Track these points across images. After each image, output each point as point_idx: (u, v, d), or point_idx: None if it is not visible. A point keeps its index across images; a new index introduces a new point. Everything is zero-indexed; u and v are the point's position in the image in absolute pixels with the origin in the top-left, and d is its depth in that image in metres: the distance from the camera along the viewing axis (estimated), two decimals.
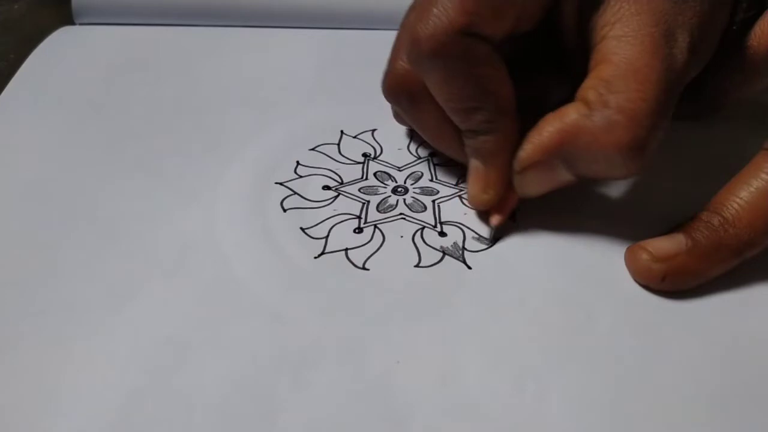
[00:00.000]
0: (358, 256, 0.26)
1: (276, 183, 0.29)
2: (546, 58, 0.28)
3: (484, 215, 0.28)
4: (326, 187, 0.29)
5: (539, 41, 0.27)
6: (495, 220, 0.27)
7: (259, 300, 0.25)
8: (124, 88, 0.35)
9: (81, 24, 0.41)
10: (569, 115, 0.24)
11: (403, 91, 0.27)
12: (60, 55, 0.38)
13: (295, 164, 0.30)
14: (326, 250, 0.26)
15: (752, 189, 0.24)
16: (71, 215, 0.28)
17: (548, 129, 0.24)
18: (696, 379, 0.22)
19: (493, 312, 0.24)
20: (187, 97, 0.34)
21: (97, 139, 0.32)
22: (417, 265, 0.26)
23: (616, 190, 0.29)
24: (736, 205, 0.24)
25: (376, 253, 0.26)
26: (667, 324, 0.24)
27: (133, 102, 0.34)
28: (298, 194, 0.29)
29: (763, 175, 0.24)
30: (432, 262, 0.26)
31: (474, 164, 0.26)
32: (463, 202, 0.29)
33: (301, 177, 0.30)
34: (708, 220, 0.25)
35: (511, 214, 0.28)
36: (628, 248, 0.26)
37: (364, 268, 0.26)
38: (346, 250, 0.27)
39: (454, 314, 0.24)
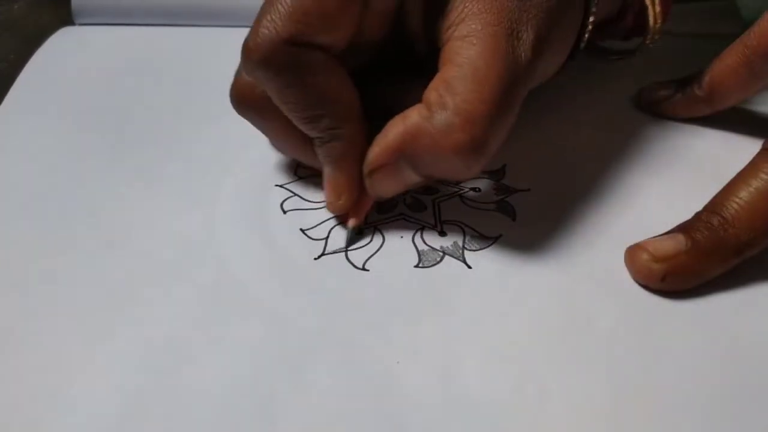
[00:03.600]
0: (358, 257, 0.26)
1: (276, 185, 0.29)
2: (406, 62, 0.28)
3: (484, 215, 0.28)
4: None
5: (395, 47, 0.27)
6: (351, 222, 0.27)
7: (260, 301, 0.25)
8: (124, 90, 0.35)
9: (81, 24, 0.41)
10: (411, 117, 0.24)
11: (247, 103, 0.27)
12: (61, 57, 0.38)
13: (296, 166, 0.30)
14: (326, 251, 0.27)
15: (752, 189, 0.24)
16: (72, 218, 0.28)
17: (392, 131, 0.24)
18: (696, 379, 0.22)
19: (493, 312, 0.24)
20: (187, 99, 0.34)
21: (97, 143, 0.32)
22: (417, 266, 0.26)
23: (616, 189, 0.29)
24: (735, 205, 0.24)
25: (376, 254, 0.26)
26: (667, 324, 0.24)
27: (134, 105, 0.34)
28: (299, 196, 0.29)
29: (763, 175, 0.24)
30: (432, 263, 0.26)
31: (326, 171, 0.26)
32: (463, 201, 0.29)
33: (301, 179, 0.30)
34: (708, 220, 0.25)
35: (511, 214, 0.28)
36: (628, 248, 0.26)
37: (364, 269, 0.26)
38: (346, 250, 0.27)
39: (454, 314, 0.24)
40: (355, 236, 0.27)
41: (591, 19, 0.28)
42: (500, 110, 0.23)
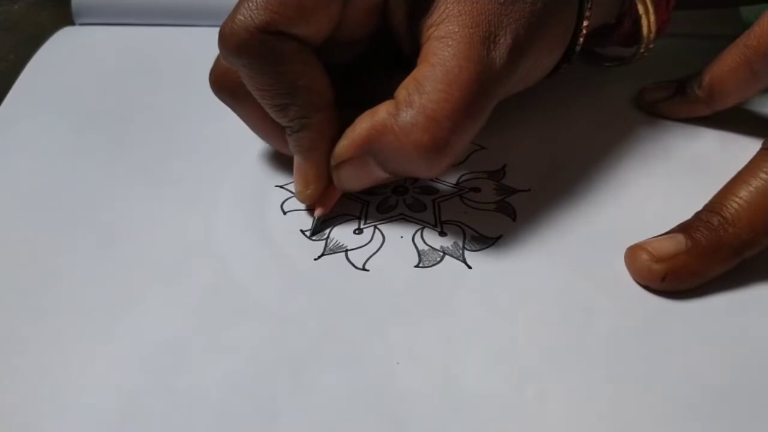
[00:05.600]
0: (358, 257, 0.26)
1: (276, 186, 0.29)
2: (397, 59, 0.28)
3: (485, 215, 0.28)
4: None
5: (383, 44, 0.27)
6: (317, 212, 0.27)
7: (260, 302, 0.25)
8: (124, 91, 0.35)
9: (81, 24, 0.41)
10: (379, 113, 0.24)
11: (224, 88, 0.27)
12: (62, 57, 0.38)
13: None
14: (326, 252, 0.27)
15: (752, 188, 0.24)
16: (72, 218, 0.28)
17: (360, 126, 0.25)
18: (696, 379, 0.22)
19: (493, 312, 0.24)
20: (187, 99, 0.34)
21: (97, 143, 0.32)
22: (417, 266, 0.26)
23: (616, 190, 0.29)
24: (735, 205, 0.24)
25: (376, 254, 0.26)
26: (667, 324, 0.24)
27: (134, 105, 0.34)
28: None
29: (763, 175, 0.24)
30: (432, 263, 0.26)
31: (296, 160, 0.27)
32: (464, 201, 0.29)
33: None
34: (708, 220, 0.25)
35: (512, 215, 0.28)
36: (628, 248, 0.26)
37: (364, 269, 0.26)
38: (346, 251, 0.27)
39: (454, 314, 0.24)
40: (320, 225, 0.27)
41: (585, 23, 0.28)
42: (466, 113, 0.23)
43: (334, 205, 0.28)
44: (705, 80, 0.30)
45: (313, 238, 0.27)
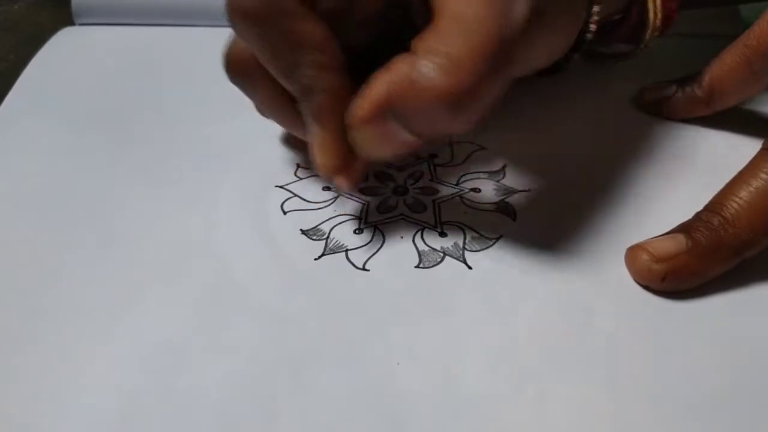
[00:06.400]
0: (358, 257, 0.26)
1: (276, 186, 0.29)
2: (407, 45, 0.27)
3: (485, 215, 0.28)
4: (327, 188, 0.29)
5: (395, 26, 0.26)
6: (340, 181, 0.25)
7: (260, 302, 0.25)
8: (124, 91, 0.35)
9: (81, 24, 0.41)
10: (397, 67, 0.23)
11: (239, 69, 0.27)
12: (62, 57, 0.38)
13: (296, 167, 0.30)
14: (326, 252, 0.27)
15: (752, 188, 0.24)
16: (72, 218, 0.28)
17: (377, 83, 0.23)
18: (696, 380, 0.22)
19: (493, 312, 0.24)
20: (187, 99, 0.34)
21: (97, 143, 0.32)
22: (417, 266, 0.26)
23: (616, 190, 0.29)
24: (735, 205, 0.24)
25: (377, 254, 0.26)
26: (667, 324, 0.24)
27: (134, 105, 0.34)
28: (299, 196, 0.29)
29: (763, 175, 0.24)
30: (432, 263, 0.26)
31: (311, 129, 0.25)
32: (464, 202, 0.29)
33: (301, 179, 0.30)
34: (708, 220, 0.25)
35: (512, 215, 0.28)
36: (628, 248, 0.26)
37: (364, 269, 0.26)
38: (347, 251, 0.27)
39: (454, 315, 0.24)
40: (346, 198, 0.26)
41: (596, 8, 0.27)
42: (489, 63, 0.22)
43: (358, 176, 0.26)
44: (705, 80, 0.30)
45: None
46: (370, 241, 0.27)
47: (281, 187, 0.29)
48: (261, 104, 0.28)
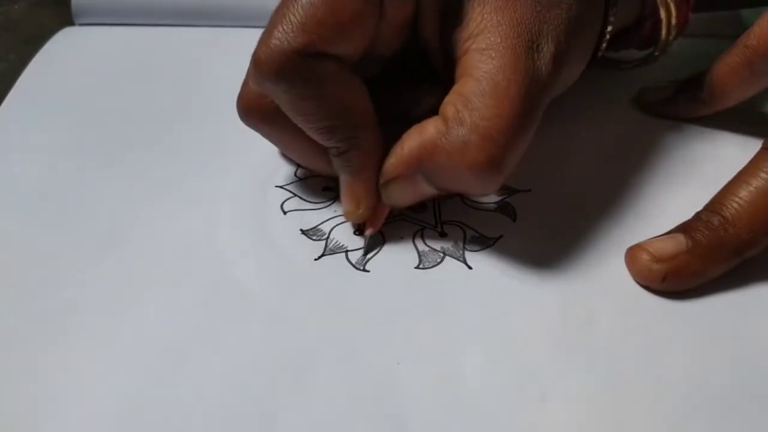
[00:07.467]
0: (358, 258, 0.26)
1: (276, 186, 0.29)
2: (420, 68, 0.27)
3: (485, 215, 0.28)
4: (327, 188, 0.29)
5: (410, 55, 0.26)
6: (369, 231, 0.27)
7: (260, 302, 0.25)
8: (125, 91, 0.35)
9: (81, 24, 0.41)
10: (428, 131, 0.23)
11: (256, 114, 0.26)
12: (62, 58, 0.38)
13: (296, 167, 0.30)
14: (326, 252, 0.27)
15: (752, 188, 0.24)
16: (72, 218, 0.28)
17: (409, 143, 0.24)
18: (696, 379, 0.22)
19: (493, 312, 0.24)
20: (187, 100, 0.34)
21: (98, 143, 0.32)
22: (417, 267, 0.26)
23: (616, 190, 0.29)
24: (735, 205, 0.24)
25: (377, 255, 0.26)
26: (667, 324, 0.24)
27: (134, 105, 0.34)
28: (299, 196, 0.29)
29: (763, 175, 0.24)
30: (433, 263, 0.26)
31: (343, 180, 0.26)
32: (464, 201, 0.29)
33: (301, 179, 0.30)
34: (708, 220, 0.25)
35: (512, 215, 0.28)
36: (628, 249, 0.26)
37: (364, 270, 0.26)
38: (347, 251, 0.27)
39: (455, 315, 0.24)
40: (372, 243, 0.27)
41: (609, 28, 0.27)
42: (519, 127, 0.22)
43: (382, 222, 0.27)
44: (705, 80, 0.30)
45: (368, 256, 0.26)
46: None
47: (281, 186, 0.29)
48: (284, 149, 0.28)
